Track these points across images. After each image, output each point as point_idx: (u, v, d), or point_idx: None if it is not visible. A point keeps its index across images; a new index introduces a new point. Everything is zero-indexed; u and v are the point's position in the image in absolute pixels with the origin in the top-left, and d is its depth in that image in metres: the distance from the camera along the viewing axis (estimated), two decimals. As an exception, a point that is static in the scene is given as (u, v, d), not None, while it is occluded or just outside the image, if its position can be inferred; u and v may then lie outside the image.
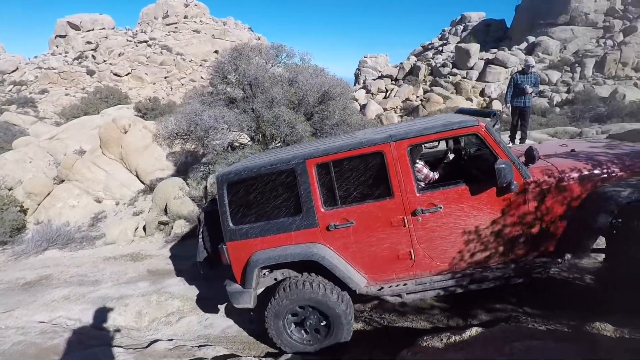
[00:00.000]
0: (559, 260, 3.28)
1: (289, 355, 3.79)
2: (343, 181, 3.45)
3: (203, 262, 4.30)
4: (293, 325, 3.68)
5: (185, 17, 56.67)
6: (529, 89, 7.15)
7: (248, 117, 7.08)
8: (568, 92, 26.05)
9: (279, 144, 7.11)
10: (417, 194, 3.37)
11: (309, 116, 7.21)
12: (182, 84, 45.86)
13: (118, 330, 4.81)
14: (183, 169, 10.47)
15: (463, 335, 2.99)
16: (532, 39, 32.28)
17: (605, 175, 3.32)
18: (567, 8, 31.72)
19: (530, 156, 3.26)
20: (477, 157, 4.18)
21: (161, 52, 50.35)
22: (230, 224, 3.64)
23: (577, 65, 28.58)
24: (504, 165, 3.10)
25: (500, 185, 3.20)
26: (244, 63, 6.97)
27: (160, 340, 4.32)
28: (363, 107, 29.01)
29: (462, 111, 4.40)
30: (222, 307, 4.96)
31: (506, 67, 28.87)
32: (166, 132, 7.63)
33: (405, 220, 3.39)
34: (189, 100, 7.76)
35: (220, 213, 3.69)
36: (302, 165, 3.47)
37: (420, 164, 3.87)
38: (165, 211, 7.81)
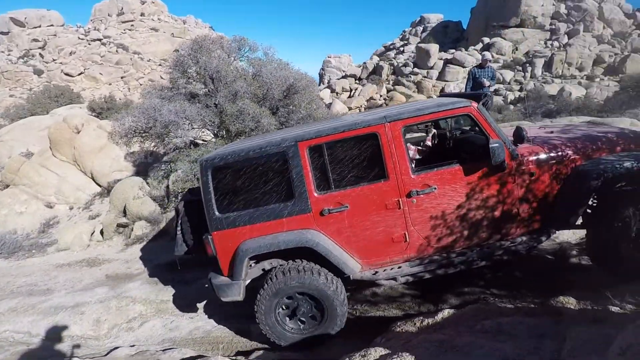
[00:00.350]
0: (545, 236, 3.38)
1: (261, 352, 3.67)
2: (337, 164, 3.34)
3: (182, 257, 4.08)
4: (286, 317, 3.53)
5: (142, 14, 54.42)
6: (487, 83, 7.41)
7: (211, 112, 6.84)
8: (520, 90, 27.54)
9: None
10: (412, 176, 3.33)
11: (275, 110, 7.08)
12: (141, 84, 43.97)
13: (74, 341, 4.46)
14: (143, 170, 9.97)
15: (435, 317, 3.01)
16: (486, 40, 33.84)
17: (586, 154, 3.45)
18: (518, 11, 33.55)
19: (519, 136, 3.35)
20: (463, 140, 4.25)
21: (117, 51, 48.05)
22: (216, 213, 3.42)
23: (528, 65, 30.30)
24: (497, 144, 3.15)
25: (494, 165, 3.23)
26: (204, 56, 6.72)
27: (120, 347, 4.04)
28: (328, 106, 29.10)
29: (445, 95, 4.44)
30: (189, 309, 4.73)
31: (464, 67, 30.06)
32: (123, 130, 7.21)
33: (400, 202, 3.33)
34: (147, 96, 7.38)
35: (205, 201, 3.46)
36: (293, 147, 3.33)
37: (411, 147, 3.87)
38: (125, 213, 7.38)
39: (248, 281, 3.66)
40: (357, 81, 35.80)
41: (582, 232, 4.84)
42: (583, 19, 32.43)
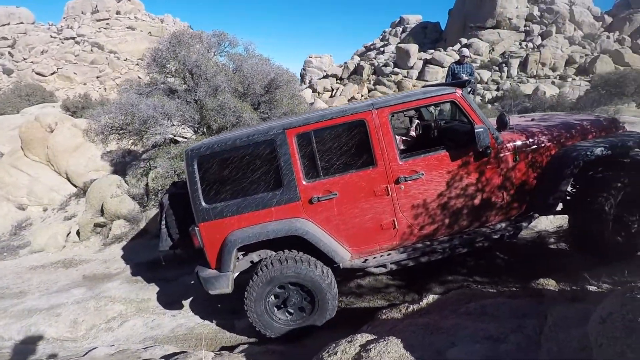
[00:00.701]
0: (529, 221, 3.48)
1: (246, 346, 3.62)
2: (325, 151, 3.33)
3: (167, 252, 3.97)
4: (275, 308, 3.47)
5: (118, 12, 53.08)
6: (465, 77, 7.56)
7: (191, 107, 6.70)
8: (497, 89, 28.27)
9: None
10: (400, 162, 3.35)
11: (256, 105, 7.00)
12: (117, 84, 42.85)
13: (49, 343, 4.29)
14: (121, 169, 9.69)
15: (420, 303, 3.04)
16: (464, 40, 34.54)
17: (564, 140, 3.57)
18: (494, 13, 34.40)
19: (503, 122, 3.40)
20: (447, 129, 4.31)
21: (92, 50, 46.69)
22: (203, 203, 3.35)
23: (504, 65, 31.13)
24: (482, 129, 3.24)
25: (479, 150, 3.30)
26: (183, 50, 6.59)
27: (99, 347, 3.90)
28: (310, 105, 29.13)
29: (429, 85, 4.51)
30: (172, 306, 4.62)
31: (443, 67, 30.59)
32: (99, 127, 6.98)
33: (389, 189, 3.34)
34: (125, 92, 7.17)
35: (191, 192, 3.39)
36: (281, 135, 3.30)
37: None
38: (102, 212, 7.15)
39: (236, 273, 3.59)
40: (338, 81, 35.92)
41: (559, 221, 5.01)
42: (555, 21, 33.57)
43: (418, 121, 4.78)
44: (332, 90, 34.37)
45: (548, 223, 4.95)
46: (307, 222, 3.34)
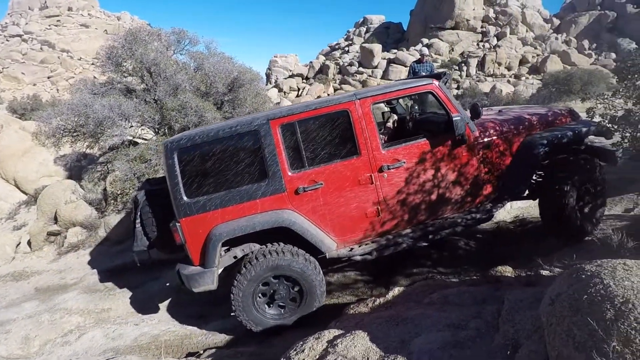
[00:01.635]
0: (500, 205, 3.66)
1: (213, 350, 3.54)
2: (309, 142, 3.34)
3: (141, 252, 3.78)
4: (265, 304, 3.42)
5: (70, 9, 50.20)
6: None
7: (150, 107, 6.45)
8: (458, 88, 29.34)
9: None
10: (383, 151, 3.42)
11: (219, 105, 6.85)
12: (71, 85, 40.53)
13: (-2, 363, 3.99)
14: (76, 174, 9.17)
15: (387, 297, 3.09)
16: (425, 40, 35.54)
17: (532, 128, 3.82)
18: (452, 14, 35.64)
19: (476, 112, 3.55)
20: (422, 121, 4.47)
21: (41, 49, 43.87)
22: (184, 198, 3.24)
23: (463, 64, 32.35)
24: (459, 118, 3.39)
25: (456, 138, 3.45)
26: (141, 48, 6.32)
27: (54, 362, 3.68)
28: (276, 105, 28.95)
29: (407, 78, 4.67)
30: (135, 315, 4.43)
31: (405, 66, 31.32)
32: (50, 129, 6.57)
33: (373, 178, 3.41)
34: (77, 92, 6.79)
35: (170, 186, 3.26)
36: (265, 126, 3.27)
37: None
38: (56, 219, 6.74)
39: (220, 270, 3.50)
40: (304, 80, 35.91)
41: (516, 212, 5.26)
42: (509, 22, 35.28)
43: (394, 115, 4.93)
44: (298, 89, 34.32)
45: (505, 214, 5.19)
46: (294, 213, 3.33)
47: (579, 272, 1.71)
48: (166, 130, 6.67)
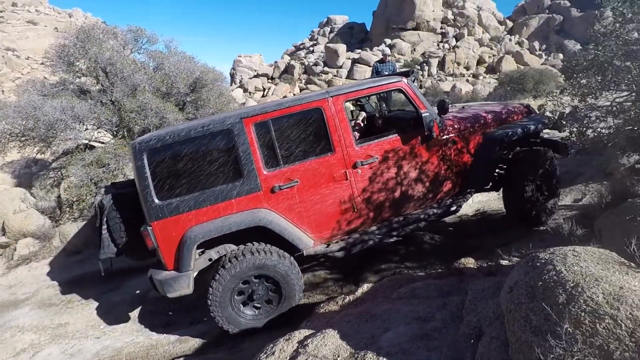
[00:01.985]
0: (467, 197, 3.87)
1: (181, 359, 3.43)
2: (284, 140, 3.34)
3: (106, 261, 3.59)
4: (242, 305, 3.35)
5: (14, 4, 46.88)
6: (387, 74, 7.95)
7: (107, 109, 6.14)
8: (420, 87, 30.21)
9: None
10: (356, 147, 3.49)
11: (181, 106, 6.64)
12: (18, 86, 37.83)
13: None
14: (26, 181, 8.56)
15: (356, 294, 3.12)
16: (388, 41, 36.32)
17: (495, 122, 4.03)
18: (413, 15, 36.65)
19: (443, 108, 3.68)
20: (391, 118, 4.58)
21: (-17, 47, 40.63)
22: (156, 200, 3.13)
23: (425, 64, 33.34)
24: (428, 114, 3.54)
25: (425, 133, 3.59)
26: (95, 47, 6.00)
27: (5, 385, 3.42)
28: (241, 105, 28.53)
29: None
30: (95, 328, 4.20)
31: (370, 66, 31.78)
32: (-6, 134, 6.10)
33: (347, 174, 3.46)
34: (25, 93, 6.34)
35: (141, 188, 3.14)
36: (239, 124, 3.23)
37: None
38: (3, 231, 6.26)
39: (195, 273, 3.38)
40: (269, 80, 35.64)
41: (477, 205, 5.48)
42: (466, 24, 36.77)
43: (363, 112, 5.01)
44: (264, 89, 34.02)
45: (467, 207, 5.39)
46: (270, 212, 3.31)
47: (534, 261, 1.80)
48: (125, 132, 6.39)
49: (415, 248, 4.47)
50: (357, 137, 4.45)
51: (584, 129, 3.48)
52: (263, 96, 32.87)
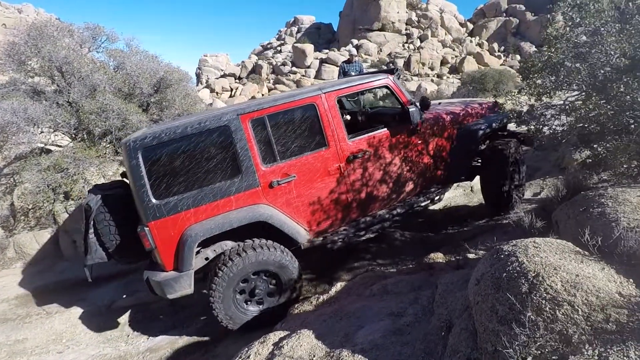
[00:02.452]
0: (449, 187, 4.22)
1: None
2: (280, 135, 3.40)
3: (91, 266, 3.45)
4: (244, 303, 3.35)
5: (-44, -1, 43.51)
6: (354, 75, 8.03)
7: (64, 111, 5.80)
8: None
9: (110, 143, 6.09)
10: (349, 142, 3.61)
11: (145, 107, 6.39)
12: (-38, 87, 35.07)
13: None
14: (-26, 189, 7.97)
15: (330, 292, 3.14)
16: (355, 41, 36.78)
17: (469, 117, 4.34)
18: (379, 17, 37.32)
19: (425, 104, 3.94)
20: (374, 114, 4.84)
21: None
22: (153, 200, 3.05)
23: (391, 64, 33.99)
24: (414, 109, 3.69)
25: (411, 127, 3.80)
26: (49, 45, 5.66)
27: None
28: (209, 106, 27.92)
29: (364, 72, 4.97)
30: (58, 343, 3.97)
31: (337, 66, 32.06)
32: (-64, 138, 5.61)
33: (341, 168, 3.58)
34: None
35: (136, 188, 3.05)
36: (235, 121, 3.24)
37: None
38: (-51, 243, 5.78)
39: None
40: (237, 80, 35.14)
41: (444, 202, 5.66)
42: (430, 26, 37.88)
43: (345, 109, 5.18)
44: (231, 90, 33.48)
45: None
46: (269, 207, 3.34)
47: (498, 253, 1.89)
48: (85, 135, 6.07)
49: (387, 245, 4.55)
50: None
51: (541, 126, 3.67)
52: (231, 96, 32.34)
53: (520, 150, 4.40)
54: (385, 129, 3.80)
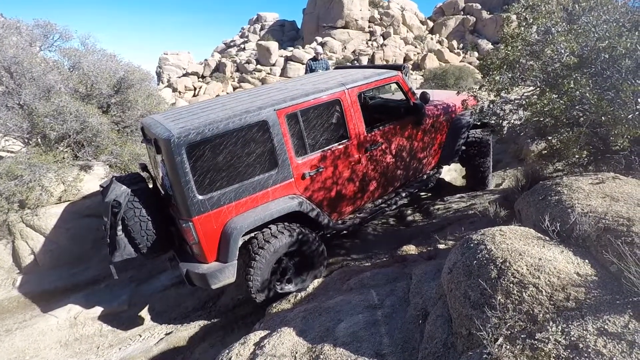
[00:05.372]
0: (440, 171, 4.76)
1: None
2: (310, 129, 3.61)
3: (118, 263, 3.44)
4: (278, 283, 3.58)
5: None
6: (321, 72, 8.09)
7: (15, 114, 5.43)
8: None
9: (68, 147, 5.76)
10: (367, 134, 3.93)
11: (105, 108, 6.09)
12: None
13: None
14: None
15: (307, 289, 3.16)
16: (319, 39, 36.84)
17: (456, 110, 4.78)
18: (342, 14, 37.56)
19: (425, 99, 4.39)
20: (380, 106, 5.11)
21: None
22: (197, 196, 3.11)
23: (356, 62, 34.34)
24: (423, 105, 4.20)
25: (417, 119, 4.25)
26: (-6, 43, 5.26)
27: None
28: (172, 106, 27.03)
29: (372, 66, 5.27)
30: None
31: (303, 63, 32.07)
32: None
33: (360, 158, 3.90)
34: None
35: (180, 184, 3.06)
36: (273, 116, 3.38)
37: None
38: None
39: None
40: (200, 79, 34.24)
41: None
42: (392, 23, 38.61)
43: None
44: (195, 88, 32.61)
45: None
46: (301, 198, 3.57)
47: (468, 242, 1.99)
48: (39, 140, 5.71)
49: (360, 240, 4.64)
50: None
51: (500, 120, 3.87)
52: (194, 96, 31.48)
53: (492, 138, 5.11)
54: (396, 122, 4.16)
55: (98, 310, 4.27)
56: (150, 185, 3.81)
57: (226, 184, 3.24)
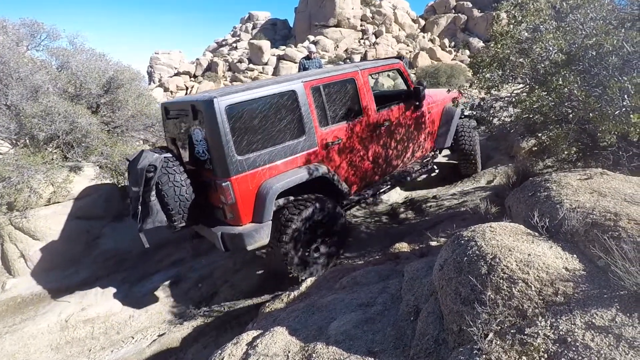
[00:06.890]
0: (437, 153, 5.26)
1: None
2: (331, 103, 3.90)
3: (149, 230, 3.41)
4: (309, 249, 3.70)
5: None
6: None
7: (2, 115, 5.35)
8: (345, 82, 31.13)
9: (57, 148, 5.69)
10: (377, 113, 4.30)
11: (95, 109, 6.02)
12: None
13: None
14: None
15: (300, 288, 3.16)
16: (312, 37, 36.80)
17: (445, 101, 5.25)
18: (334, 13, 37.56)
19: (422, 86, 4.79)
20: (380, 95, 5.37)
21: None
22: (236, 155, 3.26)
23: (348, 60, 34.36)
24: (421, 88, 4.67)
25: (418, 103, 4.76)
26: (-21, 43, 5.17)
27: None
28: (164, 105, 26.84)
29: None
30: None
31: (295, 62, 32.02)
32: None
33: (372, 134, 4.23)
34: None
35: (220, 144, 3.18)
36: (301, 87, 3.64)
37: None
38: None
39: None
40: (192, 78, 34.04)
41: (405, 194, 5.85)
42: (384, 22, 38.69)
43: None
44: (187, 88, 32.40)
45: (397, 196, 5.74)
46: (325, 166, 3.79)
47: (459, 239, 2.00)
48: (27, 141, 5.63)
49: (353, 238, 4.65)
50: None
51: (491, 117, 3.90)
52: (186, 95, 31.27)
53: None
54: (402, 103, 4.58)
55: (90, 312, 4.22)
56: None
57: (261, 146, 3.42)
